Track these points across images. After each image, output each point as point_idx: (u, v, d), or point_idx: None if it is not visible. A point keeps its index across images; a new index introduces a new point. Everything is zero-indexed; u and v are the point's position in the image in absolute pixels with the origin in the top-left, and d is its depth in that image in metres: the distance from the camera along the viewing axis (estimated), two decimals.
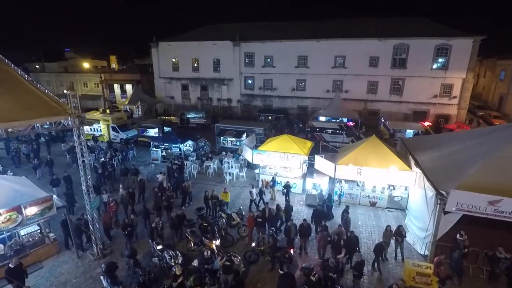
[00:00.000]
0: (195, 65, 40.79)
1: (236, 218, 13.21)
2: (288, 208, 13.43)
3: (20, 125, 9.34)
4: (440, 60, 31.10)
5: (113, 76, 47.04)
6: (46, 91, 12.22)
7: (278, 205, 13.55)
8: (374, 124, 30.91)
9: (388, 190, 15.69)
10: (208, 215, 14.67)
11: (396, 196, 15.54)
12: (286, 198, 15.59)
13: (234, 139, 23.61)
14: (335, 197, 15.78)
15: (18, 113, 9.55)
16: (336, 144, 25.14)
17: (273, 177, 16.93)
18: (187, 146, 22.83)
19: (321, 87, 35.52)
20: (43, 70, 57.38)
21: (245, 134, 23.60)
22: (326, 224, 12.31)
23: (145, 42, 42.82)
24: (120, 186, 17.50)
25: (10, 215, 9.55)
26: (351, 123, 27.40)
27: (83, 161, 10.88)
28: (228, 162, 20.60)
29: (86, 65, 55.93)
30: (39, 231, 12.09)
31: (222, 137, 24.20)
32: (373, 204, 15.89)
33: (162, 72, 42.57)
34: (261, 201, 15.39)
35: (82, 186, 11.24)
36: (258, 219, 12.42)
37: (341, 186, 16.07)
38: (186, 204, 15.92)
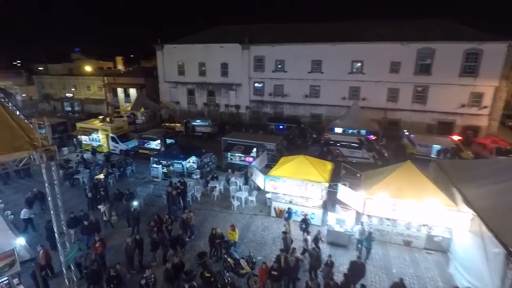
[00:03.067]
0: (202, 69, 38.61)
1: (245, 266, 10.84)
2: (313, 257, 10.85)
3: None
4: (470, 66, 28.26)
5: (116, 80, 45.20)
6: (18, 113, 10.16)
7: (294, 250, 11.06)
8: (394, 135, 28.21)
9: (426, 227, 13.13)
10: (212, 255, 12.40)
11: (437, 236, 12.99)
12: (307, 239, 12.48)
13: (242, 155, 21.28)
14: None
15: None
16: (353, 160, 22.71)
17: (288, 209, 14.49)
18: (191, 162, 20.58)
19: (336, 94, 32.94)
20: (46, 72, 55.99)
21: (254, 150, 21.28)
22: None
23: (151, 44, 40.74)
24: (113, 213, 15.42)
25: None
26: (372, 136, 24.80)
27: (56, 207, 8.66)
28: (236, 182, 18.32)
29: (88, 68, 54.14)
30: (6, 281, 9.96)
31: (229, 153, 21.88)
32: (407, 244, 13.36)
33: (167, 76, 40.52)
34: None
35: (55, 234, 9.06)
36: (272, 272, 10.07)
37: (370, 221, 13.58)
38: (188, 239, 13.64)
